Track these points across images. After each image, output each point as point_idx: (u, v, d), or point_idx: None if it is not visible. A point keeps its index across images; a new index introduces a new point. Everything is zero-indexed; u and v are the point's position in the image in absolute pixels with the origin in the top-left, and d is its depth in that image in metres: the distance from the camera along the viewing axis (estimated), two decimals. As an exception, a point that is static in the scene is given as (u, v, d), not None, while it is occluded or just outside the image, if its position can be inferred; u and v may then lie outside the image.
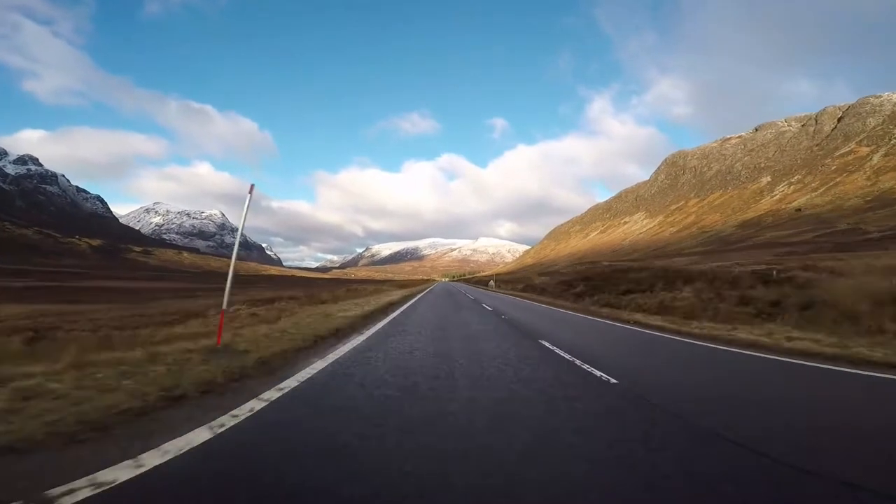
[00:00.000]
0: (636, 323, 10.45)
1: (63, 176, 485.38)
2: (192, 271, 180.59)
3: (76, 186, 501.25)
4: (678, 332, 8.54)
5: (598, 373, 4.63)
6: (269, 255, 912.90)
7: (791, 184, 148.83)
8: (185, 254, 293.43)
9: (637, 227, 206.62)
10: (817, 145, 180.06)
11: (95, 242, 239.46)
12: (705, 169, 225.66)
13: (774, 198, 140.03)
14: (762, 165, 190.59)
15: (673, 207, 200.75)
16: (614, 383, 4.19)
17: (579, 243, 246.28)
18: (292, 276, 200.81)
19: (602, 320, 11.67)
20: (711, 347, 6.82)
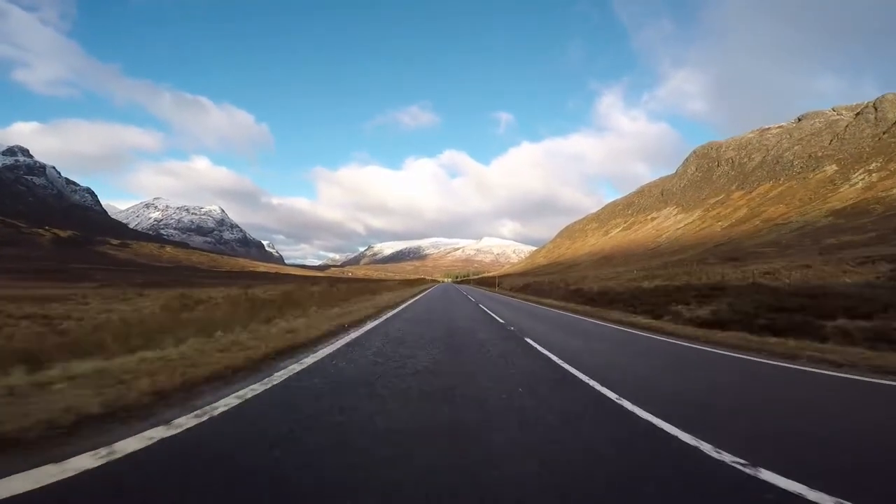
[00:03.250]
0: None
1: (53, 168, 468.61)
2: (162, 266, 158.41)
3: (66, 178, 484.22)
4: None
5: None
6: (270, 253, 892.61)
7: (869, 172, 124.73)
8: (169, 248, 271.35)
9: (670, 223, 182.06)
10: (885, 133, 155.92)
11: (65, 234, 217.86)
12: (745, 160, 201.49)
13: (856, 186, 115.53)
14: (819, 154, 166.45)
15: (712, 201, 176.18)
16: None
17: (599, 241, 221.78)
18: (277, 273, 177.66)
19: None
20: None
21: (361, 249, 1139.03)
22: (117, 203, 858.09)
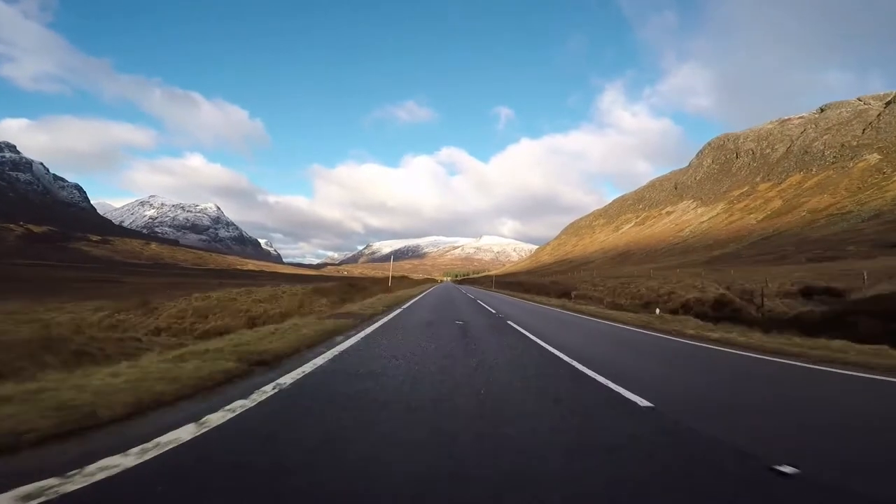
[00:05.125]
0: None
1: (41, 164, 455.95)
2: (139, 263, 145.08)
3: (53, 175, 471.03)
4: None
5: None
6: (268, 251, 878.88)
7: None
8: (154, 245, 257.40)
9: (690, 217, 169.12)
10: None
11: (39, 230, 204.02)
12: (768, 151, 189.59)
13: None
14: (854, 144, 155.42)
15: (736, 193, 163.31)
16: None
17: (610, 237, 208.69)
18: (260, 271, 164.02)
19: None
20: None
21: (360, 248, 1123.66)
22: (113, 201, 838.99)
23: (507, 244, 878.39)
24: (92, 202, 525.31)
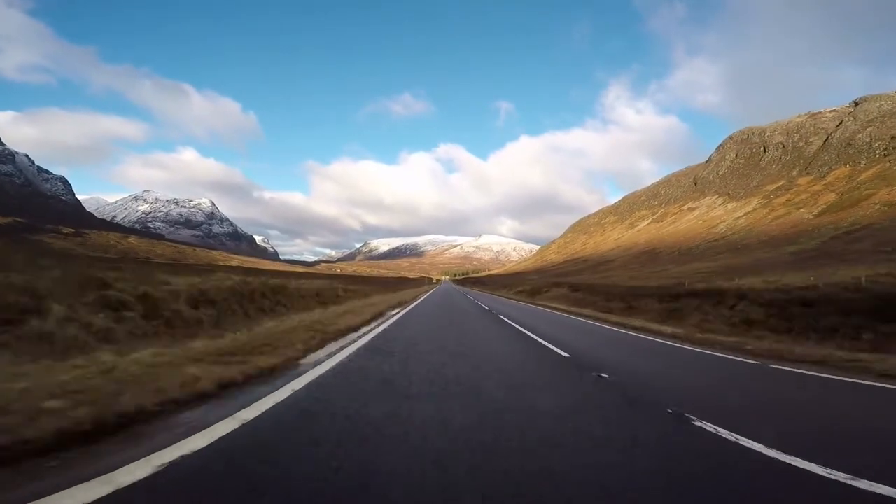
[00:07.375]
0: None
1: (25, 155, 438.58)
2: (106, 257, 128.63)
3: (38, 167, 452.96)
4: None
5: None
6: (264, 248, 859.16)
7: None
8: (133, 239, 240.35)
9: (720, 213, 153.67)
10: None
11: (3, 221, 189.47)
12: (801, 144, 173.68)
13: None
14: None
15: (771, 188, 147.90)
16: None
17: (626, 235, 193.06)
18: (238, 266, 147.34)
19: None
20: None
21: (357, 246, 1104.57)
22: (107, 196, 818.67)
23: (507, 243, 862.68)
24: (85, 197, 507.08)
